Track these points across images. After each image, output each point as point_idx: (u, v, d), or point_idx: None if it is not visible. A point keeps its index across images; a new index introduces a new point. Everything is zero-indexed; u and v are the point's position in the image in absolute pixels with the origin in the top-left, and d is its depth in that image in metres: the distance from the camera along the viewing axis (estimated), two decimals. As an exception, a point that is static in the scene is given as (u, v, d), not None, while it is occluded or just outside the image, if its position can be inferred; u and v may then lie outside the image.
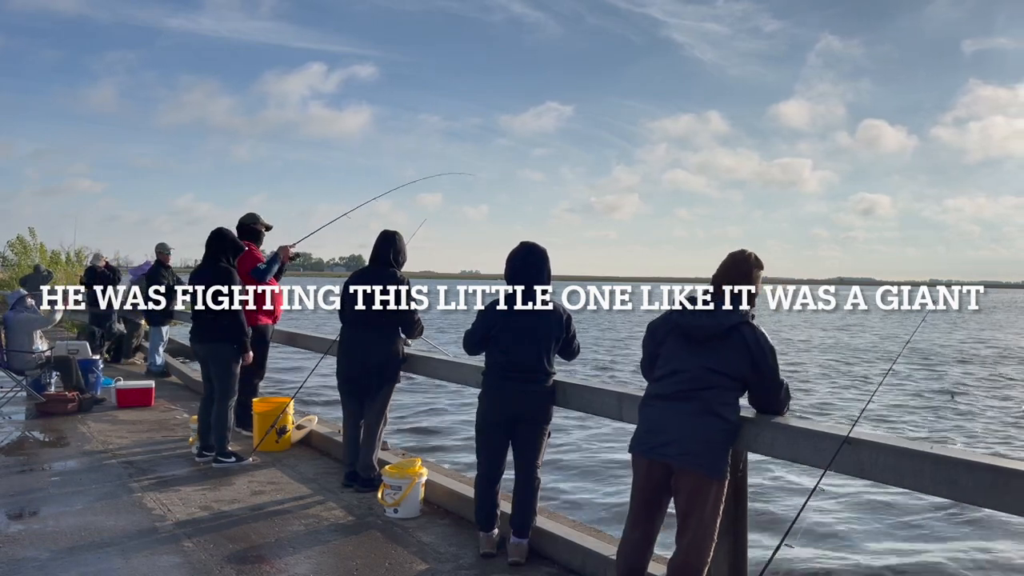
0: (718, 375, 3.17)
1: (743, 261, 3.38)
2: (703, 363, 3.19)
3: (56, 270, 22.14)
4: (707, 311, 3.26)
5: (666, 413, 3.22)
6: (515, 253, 4.26)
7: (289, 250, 7.15)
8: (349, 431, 5.55)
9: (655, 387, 3.34)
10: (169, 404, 8.78)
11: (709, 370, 3.17)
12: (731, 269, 3.38)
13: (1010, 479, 2.52)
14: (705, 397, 3.16)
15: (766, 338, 3.22)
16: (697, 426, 3.15)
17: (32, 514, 4.81)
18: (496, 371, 4.18)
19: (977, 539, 6.63)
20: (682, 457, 3.14)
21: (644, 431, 3.29)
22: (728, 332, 3.19)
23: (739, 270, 3.36)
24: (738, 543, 3.39)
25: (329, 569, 4.00)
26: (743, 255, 3.40)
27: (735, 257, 3.41)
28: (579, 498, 7.40)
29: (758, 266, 3.40)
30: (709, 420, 3.15)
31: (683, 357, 3.24)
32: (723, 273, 3.38)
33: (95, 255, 13.14)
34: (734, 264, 3.39)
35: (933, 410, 13.43)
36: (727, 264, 3.41)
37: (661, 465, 3.20)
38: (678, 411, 3.19)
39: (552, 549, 4.15)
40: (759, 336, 3.21)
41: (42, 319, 8.61)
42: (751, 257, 3.40)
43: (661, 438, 3.19)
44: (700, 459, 3.13)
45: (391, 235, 5.52)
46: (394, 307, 5.34)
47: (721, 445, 3.17)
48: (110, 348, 12.30)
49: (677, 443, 3.15)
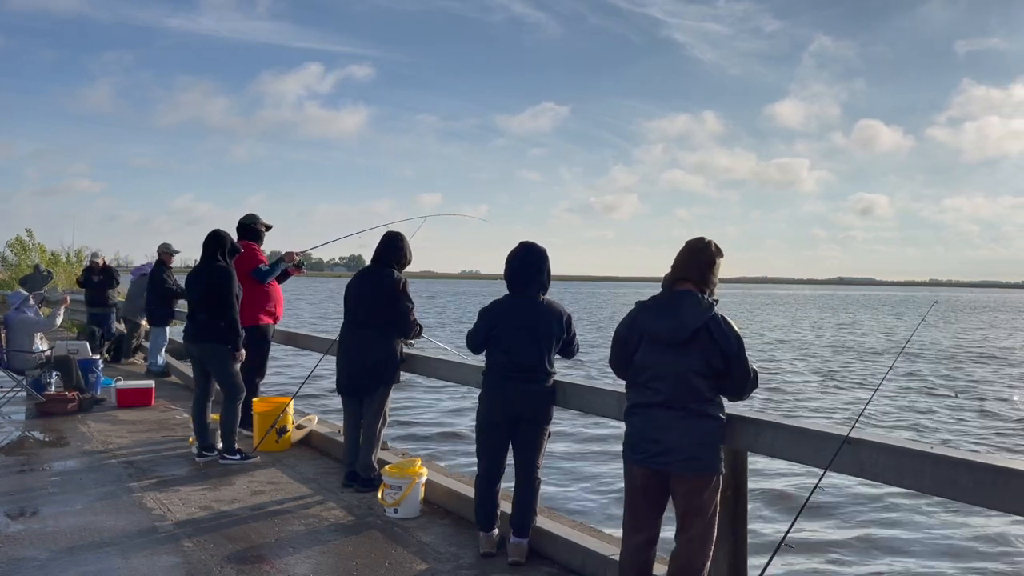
0: (698, 376, 3.15)
1: (703, 250, 3.30)
2: (681, 366, 3.15)
3: (56, 270, 22.16)
4: (673, 313, 3.18)
5: (656, 421, 3.18)
6: (514, 253, 4.26)
7: (295, 256, 7.22)
8: (349, 431, 5.56)
9: (638, 394, 3.28)
10: (169, 404, 8.78)
11: (688, 372, 3.14)
12: (689, 259, 3.29)
13: (1010, 479, 2.52)
14: (691, 400, 3.15)
15: (732, 327, 3.20)
16: (689, 431, 3.14)
17: (32, 514, 4.81)
18: (497, 371, 4.18)
19: (977, 539, 6.63)
20: (682, 464, 3.13)
21: (638, 440, 3.24)
22: (697, 332, 3.15)
23: (699, 259, 3.28)
24: (738, 543, 3.39)
25: (329, 569, 4.00)
26: (702, 243, 3.32)
27: (694, 246, 3.32)
28: (579, 498, 7.40)
29: (719, 254, 3.32)
30: (701, 423, 3.15)
31: (660, 361, 3.19)
32: (682, 265, 3.29)
33: (92, 255, 13.15)
34: (691, 253, 3.30)
35: (951, 410, 13.43)
36: (686, 254, 3.31)
37: (657, 472, 3.19)
38: (669, 418, 3.16)
39: (552, 549, 4.15)
40: (727, 329, 3.18)
41: (43, 322, 8.60)
42: (711, 245, 3.32)
43: (657, 447, 3.16)
44: (699, 462, 3.14)
45: (394, 236, 5.53)
46: (391, 307, 5.35)
47: (715, 443, 3.19)
48: (110, 348, 12.30)
49: (675, 451, 3.13)
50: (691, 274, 3.27)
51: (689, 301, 3.20)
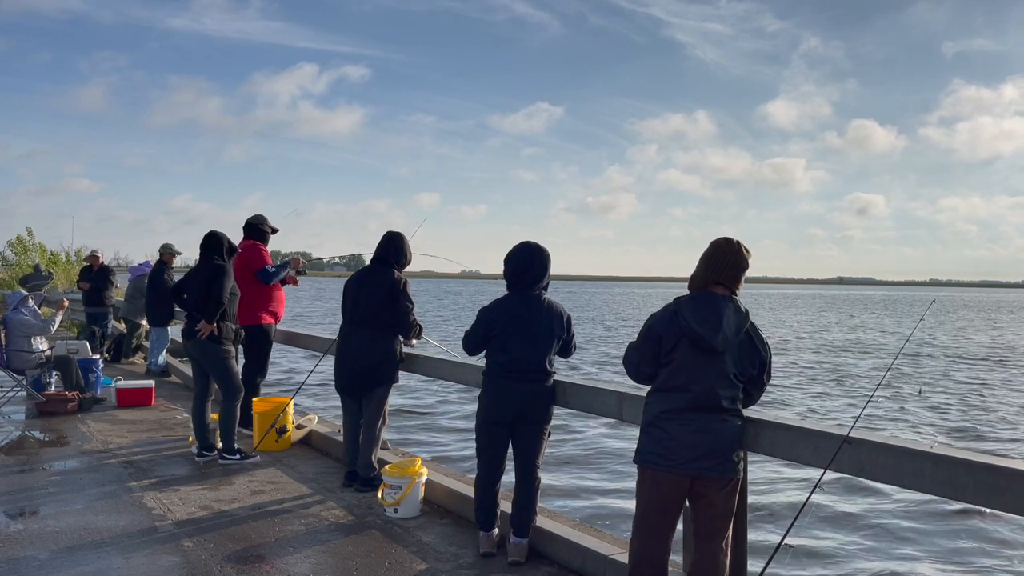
0: (733, 381, 3.14)
1: (736, 253, 3.20)
2: (719, 370, 3.11)
3: (56, 270, 22.16)
4: (716, 319, 3.10)
5: (692, 425, 3.10)
6: (513, 254, 4.25)
7: (301, 262, 7.36)
8: (349, 431, 5.56)
9: (670, 398, 3.15)
10: (169, 404, 8.78)
11: (725, 377, 3.12)
12: (724, 262, 3.19)
13: (1010, 479, 2.52)
14: (723, 402, 3.13)
15: (760, 332, 3.23)
16: (724, 434, 3.12)
17: (32, 514, 4.81)
18: (498, 370, 4.18)
19: (977, 539, 6.63)
20: (719, 467, 3.10)
21: (671, 445, 3.11)
22: (740, 339, 3.14)
23: (735, 263, 3.19)
24: (738, 543, 3.39)
25: (329, 569, 3.99)
26: (734, 246, 3.21)
27: (727, 249, 3.20)
28: (579, 498, 7.40)
29: (750, 255, 3.24)
30: (730, 424, 3.14)
31: (697, 364, 3.12)
32: (717, 268, 3.19)
33: (91, 254, 13.16)
34: (725, 256, 3.19)
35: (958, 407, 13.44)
36: (720, 257, 3.20)
37: (687, 478, 3.12)
38: (705, 422, 3.10)
39: (552, 549, 4.15)
40: (761, 333, 3.22)
41: (39, 325, 8.54)
42: (742, 248, 3.22)
43: (692, 452, 3.08)
44: (733, 464, 3.13)
45: (395, 236, 5.53)
46: (391, 307, 5.35)
47: (740, 443, 3.19)
48: (110, 348, 12.30)
49: (712, 455, 3.08)
50: (726, 279, 3.19)
51: (730, 307, 3.15)
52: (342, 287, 5.56)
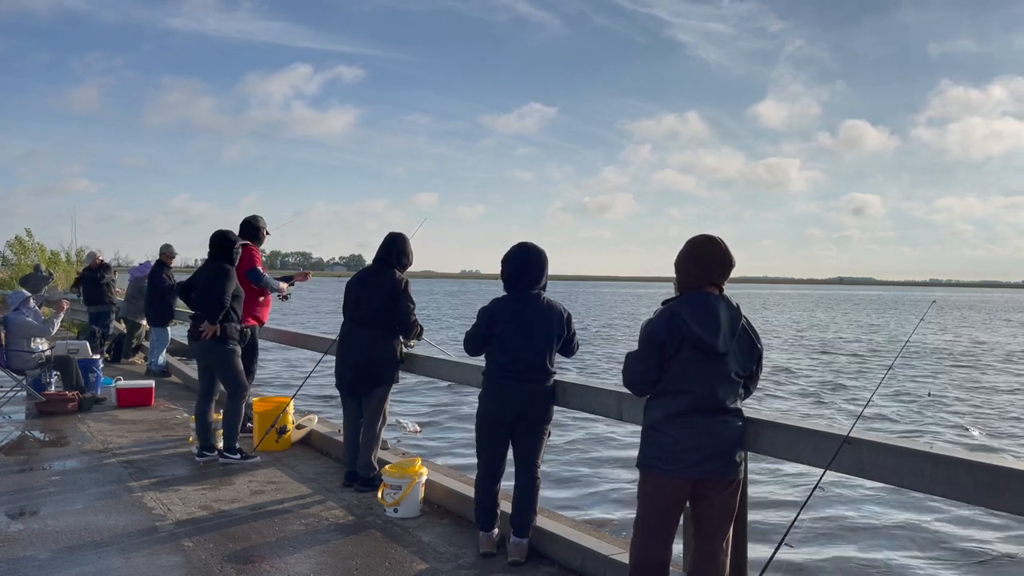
0: (735, 379, 3.14)
1: (725, 250, 3.19)
2: (721, 371, 3.10)
3: (56, 270, 22.16)
4: (714, 319, 3.08)
5: (697, 427, 3.08)
6: (510, 255, 4.24)
7: (309, 276, 8.04)
8: (349, 431, 5.56)
9: (674, 401, 3.10)
10: (169, 404, 8.78)
11: (727, 377, 3.11)
12: (715, 261, 3.17)
13: (1010, 479, 2.52)
14: (725, 403, 3.12)
15: (752, 323, 3.23)
16: (728, 435, 3.11)
17: (32, 513, 4.81)
18: (498, 370, 4.18)
19: (977, 539, 6.62)
20: (724, 469, 3.09)
21: (676, 450, 3.07)
22: (739, 337, 3.13)
23: (724, 261, 3.18)
24: (738, 542, 3.39)
25: (329, 569, 4.00)
26: (721, 244, 3.19)
27: (713, 247, 3.18)
28: (579, 498, 7.39)
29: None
30: (731, 425, 3.13)
31: (701, 369, 3.09)
32: (709, 267, 3.17)
33: (89, 254, 13.17)
34: (714, 255, 3.17)
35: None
36: (708, 256, 3.17)
37: (690, 481, 3.10)
38: (709, 424, 3.08)
39: (552, 549, 4.15)
40: (752, 324, 3.21)
41: (39, 327, 8.54)
42: (723, 244, 3.20)
43: (698, 455, 3.06)
44: (736, 466, 3.13)
45: (397, 236, 5.53)
46: (392, 307, 5.35)
47: (741, 444, 3.18)
48: (110, 348, 12.31)
49: (716, 457, 3.07)
50: (720, 278, 3.17)
51: (723, 305, 3.14)
52: (343, 288, 5.57)
